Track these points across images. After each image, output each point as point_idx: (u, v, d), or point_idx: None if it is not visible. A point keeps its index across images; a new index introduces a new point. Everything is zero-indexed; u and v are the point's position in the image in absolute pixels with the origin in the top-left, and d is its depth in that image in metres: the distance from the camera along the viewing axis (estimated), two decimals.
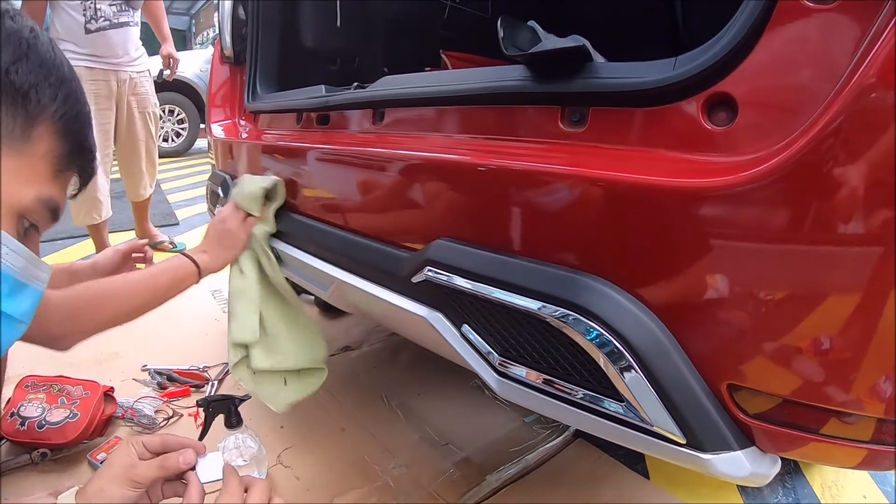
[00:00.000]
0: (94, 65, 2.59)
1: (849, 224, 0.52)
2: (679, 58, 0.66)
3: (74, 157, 0.66)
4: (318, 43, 1.89)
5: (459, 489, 1.33)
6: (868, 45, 0.51)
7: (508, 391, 0.80)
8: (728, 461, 0.65)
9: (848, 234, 0.53)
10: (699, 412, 0.64)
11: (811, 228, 0.54)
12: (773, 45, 0.58)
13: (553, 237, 0.72)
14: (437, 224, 0.86)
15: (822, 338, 0.57)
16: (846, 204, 0.52)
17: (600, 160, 0.68)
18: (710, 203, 0.59)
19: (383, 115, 1.06)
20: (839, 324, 0.56)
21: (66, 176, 0.66)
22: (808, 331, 0.57)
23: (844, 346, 0.56)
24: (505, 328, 0.78)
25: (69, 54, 2.56)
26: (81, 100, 0.66)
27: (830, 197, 0.53)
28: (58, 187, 0.65)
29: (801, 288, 0.56)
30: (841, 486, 1.47)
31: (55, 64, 0.63)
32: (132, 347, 1.97)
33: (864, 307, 0.54)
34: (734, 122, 0.61)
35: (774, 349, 0.59)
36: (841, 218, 0.53)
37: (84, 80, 2.41)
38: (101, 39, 2.58)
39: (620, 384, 0.66)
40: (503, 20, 0.80)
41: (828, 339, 0.57)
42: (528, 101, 0.79)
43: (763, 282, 0.58)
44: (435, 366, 1.79)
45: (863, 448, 0.61)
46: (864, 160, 0.51)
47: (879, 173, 0.50)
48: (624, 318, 0.65)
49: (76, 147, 0.66)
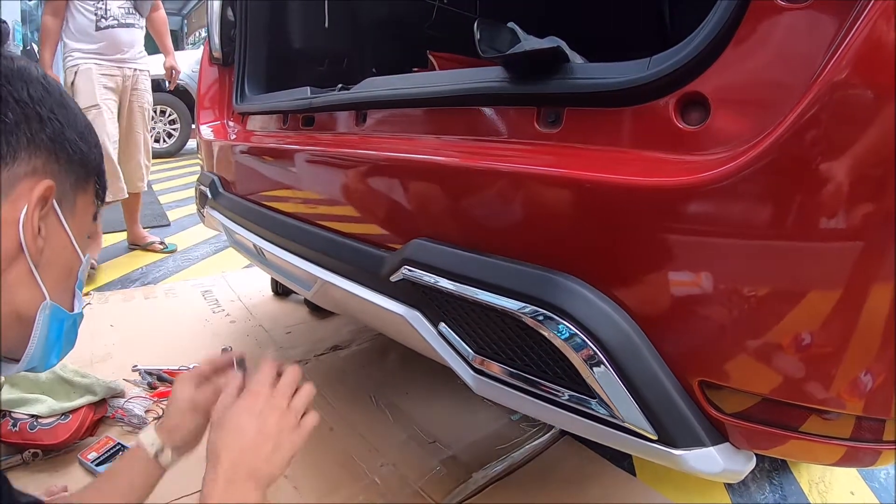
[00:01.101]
0: (103, 61, 2.76)
1: (823, 218, 0.53)
2: (653, 58, 0.66)
3: (102, 193, 0.74)
4: (306, 44, 1.90)
5: (446, 487, 1.33)
6: (837, 45, 0.52)
7: (484, 388, 0.81)
8: (700, 457, 0.66)
9: (822, 229, 0.54)
10: (670, 409, 0.65)
11: (781, 224, 0.55)
12: (746, 44, 0.59)
13: (527, 236, 0.73)
14: (415, 224, 0.87)
15: (801, 336, 0.58)
16: (816, 199, 0.53)
17: (574, 160, 0.68)
18: (681, 200, 0.59)
19: (366, 116, 1.07)
20: (816, 321, 0.57)
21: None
22: (783, 329, 0.58)
23: (823, 345, 0.57)
24: (480, 326, 0.78)
25: (80, 54, 2.68)
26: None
27: (800, 192, 0.54)
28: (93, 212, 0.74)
29: (773, 285, 0.57)
30: (828, 482, 1.47)
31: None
32: (123, 348, 1.97)
33: (840, 303, 0.55)
34: (707, 121, 0.62)
35: (746, 347, 0.60)
36: (815, 212, 0.53)
37: (94, 74, 2.71)
38: (110, 36, 2.76)
39: (592, 381, 0.66)
40: (480, 22, 0.81)
41: (806, 337, 0.57)
42: (506, 101, 0.79)
43: (735, 279, 0.59)
44: (423, 365, 1.79)
45: (842, 445, 0.62)
46: (833, 155, 0.52)
47: (848, 168, 0.51)
48: (595, 316, 0.65)
49: (104, 181, 0.74)
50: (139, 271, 2.91)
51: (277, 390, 0.79)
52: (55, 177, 0.63)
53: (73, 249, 0.68)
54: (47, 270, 0.64)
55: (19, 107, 0.60)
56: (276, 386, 0.80)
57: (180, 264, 3.05)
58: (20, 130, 0.59)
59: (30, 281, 0.62)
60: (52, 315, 0.66)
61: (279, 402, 0.78)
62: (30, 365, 0.67)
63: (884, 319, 0.54)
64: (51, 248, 0.64)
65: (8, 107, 0.59)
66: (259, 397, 0.78)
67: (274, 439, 0.75)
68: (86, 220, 0.71)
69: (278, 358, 0.91)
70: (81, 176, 0.68)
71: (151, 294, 2.57)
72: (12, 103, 0.59)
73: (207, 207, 1.68)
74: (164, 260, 3.10)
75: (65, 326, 0.69)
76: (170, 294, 2.57)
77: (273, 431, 0.75)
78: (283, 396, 0.79)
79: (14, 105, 0.59)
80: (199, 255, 3.21)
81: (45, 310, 0.64)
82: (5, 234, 0.58)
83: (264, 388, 0.79)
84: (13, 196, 0.59)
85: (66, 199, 0.66)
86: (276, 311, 2.37)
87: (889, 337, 0.54)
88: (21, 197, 0.59)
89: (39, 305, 0.64)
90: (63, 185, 0.65)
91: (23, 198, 0.59)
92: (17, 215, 0.59)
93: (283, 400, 0.79)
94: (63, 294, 0.68)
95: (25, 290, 0.62)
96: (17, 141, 0.59)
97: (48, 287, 0.64)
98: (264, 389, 0.79)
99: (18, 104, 0.59)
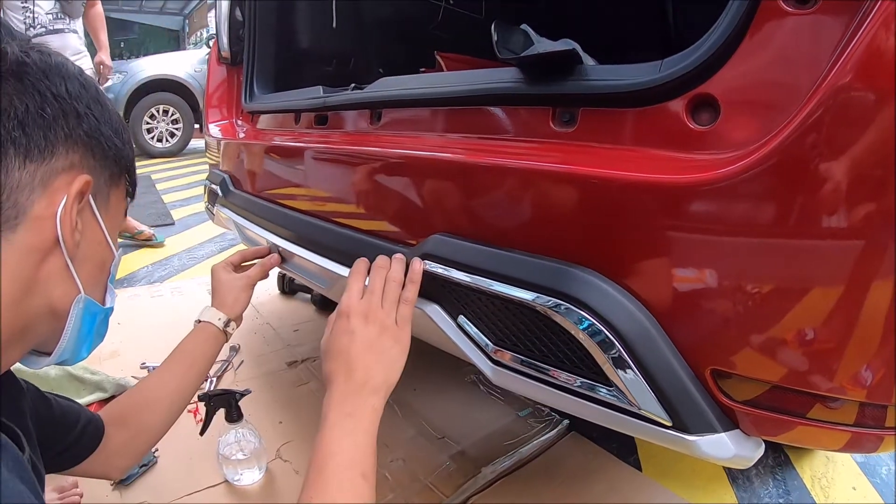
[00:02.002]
0: None
1: (826, 216, 0.55)
2: (665, 60, 0.68)
3: (133, 190, 0.76)
4: (314, 44, 1.91)
5: (455, 482, 1.35)
6: (844, 46, 0.54)
7: (502, 378, 0.83)
8: (712, 443, 0.68)
9: (825, 227, 0.55)
10: (684, 396, 0.67)
11: (786, 221, 0.57)
12: (754, 48, 0.61)
13: (544, 231, 0.75)
14: (433, 220, 0.89)
15: (807, 327, 0.60)
16: (823, 196, 0.55)
17: (590, 158, 0.71)
18: (692, 198, 0.62)
19: (381, 115, 1.09)
20: (823, 314, 0.58)
21: None
22: (792, 321, 0.60)
23: (828, 335, 0.59)
24: (499, 318, 0.80)
25: None
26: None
27: (807, 190, 0.56)
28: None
29: (783, 279, 0.59)
30: (830, 477, 1.49)
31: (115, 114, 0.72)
32: (131, 345, 1.99)
33: (846, 298, 0.57)
34: (717, 121, 0.64)
35: (758, 338, 0.62)
36: (818, 210, 0.55)
37: None
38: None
39: (610, 370, 0.69)
40: (497, 24, 0.83)
41: (811, 328, 0.59)
42: (521, 102, 0.82)
43: (744, 273, 0.61)
44: (430, 361, 1.80)
45: (846, 431, 0.63)
46: (839, 155, 0.54)
47: (849, 168, 0.53)
48: (613, 307, 0.67)
49: (134, 176, 0.76)
50: (145, 270, 2.93)
51: (372, 305, 0.81)
52: (91, 172, 0.64)
53: (107, 244, 0.69)
54: (82, 264, 0.65)
55: (57, 102, 0.60)
56: (374, 300, 0.82)
57: (186, 263, 3.07)
58: (58, 125, 0.60)
59: (65, 275, 0.63)
60: (86, 309, 0.66)
61: (378, 316, 0.80)
62: (61, 358, 0.68)
63: (884, 312, 0.56)
64: (86, 242, 0.65)
65: (46, 102, 0.59)
66: (348, 317, 0.80)
67: (380, 354, 0.78)
68: (118, 216, 0.72)
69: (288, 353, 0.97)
70: (115, 172, 0.69)
71: (157, 292, 2.59)
72: (50, 98, 0.60)
73: (218, 205, 1.70)
74: (170, 258, 3.12)
75: (97, 320, 0.70)
76: (176, 292, 2.58)
77: (378, 346, 0.79)
78: (378, 311, 0.81)
79: (52, 100, 0.60)
80: (205, 254, 3.23)
81: (79, 303, 0.65)
82: (43, 228, 0.59)
83: (356, 306, 0.81)
84: (51, 190, 0.60)
85: (100, 195, 0.67)
86: (282, 309, 2.38)
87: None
88: (59, 191, 0.60)
89: (73, 299, 0.64)
90: (98, 180, 0.66)
91: (60, 192, 0.60)
92: (55, 209, 0.59)
93: (381, 315, 0.81)
94: (96, 288, 0.69)
95: (60, 284, 0.63)
96: (55, 136, 0.60)
97: (82, 281, 0.65)
98: (357, 307, 0.81)
99: (57, 99, 0.60)
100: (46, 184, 0.59)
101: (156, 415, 0.99)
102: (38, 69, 0.60)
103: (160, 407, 0.99)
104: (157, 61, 7.44)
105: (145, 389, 1.01)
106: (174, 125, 7.34)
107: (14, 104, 0.57)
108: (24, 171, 0.58)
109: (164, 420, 1.00)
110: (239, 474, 1.33)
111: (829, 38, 0.56)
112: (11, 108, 0.57)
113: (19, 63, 0.59)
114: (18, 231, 0.57)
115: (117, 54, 11.85)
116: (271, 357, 1.96)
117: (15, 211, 0.57)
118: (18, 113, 0.57)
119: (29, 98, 0.58)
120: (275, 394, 1.73)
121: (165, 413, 1.00)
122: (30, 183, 0.58)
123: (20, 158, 0.57)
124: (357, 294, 0.83)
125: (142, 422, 0.98)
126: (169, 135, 7.36)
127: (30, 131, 0.58)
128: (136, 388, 1.02)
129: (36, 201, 0.58)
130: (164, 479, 1.34)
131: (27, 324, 0.61)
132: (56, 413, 0.86)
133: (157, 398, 0.99)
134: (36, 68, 0.60)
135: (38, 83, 0.59)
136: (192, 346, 1.08)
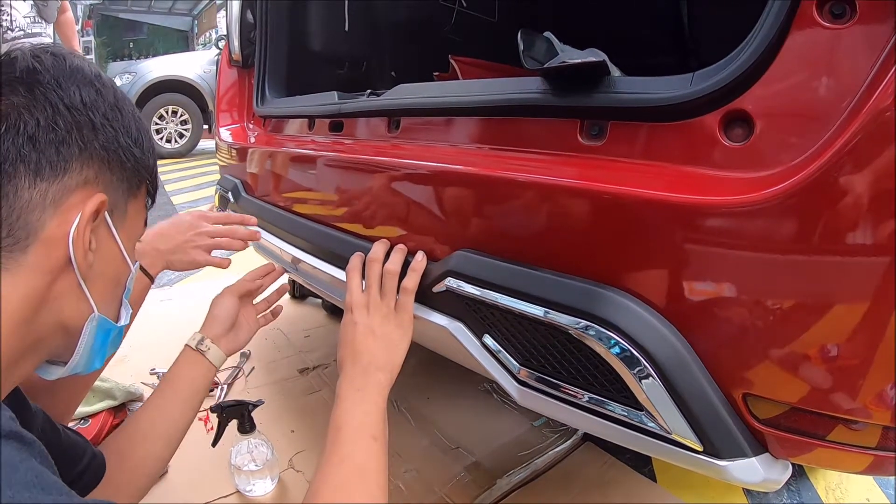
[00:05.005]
0: None
1: (867, 235, 0.54)
2: (696, 74, 0.67)
3: (153, 197, 0.74)
4: (326, 47, 1.90)
5: (471, 493, 1.34)
6: (884, 63, 0.52)
7: (528, 399, 0.82)
8: (743, 468, 0.67)
9: (871, 247, 0.54)
10: (716, 421, 0.65)
11: (831, 242, 0.55)
12: (790, 62, 0.59)
13: (574, 250, 0.73)
14: (457, 234, 0.87)
15: (833, 348, 0.58)
16: (864, 217, 0.54)
17: (620, 175, 0.69)
18: (731, 219, 0.60)
19: (399, 123, 1.07)
20: (853, 335, 0.57)
21: None
22: (823, 342, 0.59)
23: (853, 356, 0.58)
24: (526, 339, 0.79)
25: None
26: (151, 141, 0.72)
27: (851, 211, 0.54)
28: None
29: (821, 301, 0.58)
30: (844, 488, 1.48)
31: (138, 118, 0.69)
32: (140, 351, 1.98)
33: (882, 319, 0.55)
34: (751, 138, 0.62)
35: (791, 359, 0.61)
36: (858, 230, 0.54)
37: None
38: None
39: (641, 394, 0.67)
40: (523, 32, 0.81)
41: (837, 349, 0.58)
42: (548, 113, 0.80)
43: (782, 295, 0.59)
44: (443, 370, 1.80)
45: (869, 454, 0.62)
46: (886, 174, 0.52)
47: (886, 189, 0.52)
48: (645, 330, 0.66)
49: (156, 184, 0.74)
50: None
51: (372, 299, 0.89)
52: (108, 186, 0.61)
53: (123, 259, 0.66)
54: (96, 282, 0.62)
55: (70, 114, 0.57)
56: (372, 292, 0.90)
57: None
58: (72, 139, 0.57)
59: (78, 294, 0.60)
60: (99, 326, 0.64)
61: (379, 308, 0.89)
62: (74, 371, 0.66)
63: None
64: (100, 259, 0.62)
65: (58, 114, 0.56)
66: (351, 310, 0.89)
67: (382, 339, 0.87)
68: (137, 227, 0.70)
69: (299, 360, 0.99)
70: (134, 183, 0.66)
71: (167, 297, 2.59)
72: (63, 110, 0.57)
73: (229, 211, 1.69)
74: None
75: (111, 336, 0.68)
76: (185, 296, 2.58)
77: (381, 332, 0.87)
78: (378, 304, 0.89)
79: (65, 112, 0.57)
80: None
81: (93, 321, 0.63)
82: (54, 249, 0.56)
83: (357, 299, 0.90)
84: (64, 208, 0.57)
85: (117, 209, 0.64)
86: (293, 315, 2.37)
87: None
88: (72, 209, 0.57)
89: (87, 317, 0.62)
90: (115, 193, 0.63)
91: (74, 210, 0.57)
92: (68, 229, 0.57)
93: (381, 307, 0.89)
94: (111, 304, 0.67)
95: (73, 303, 0.60)
96: (68, 151, 0.57)
97: (96, 299, 0.62)
98: (358, 300, 0.90)
99: (70, 111, 0.57)
100: (59, 203, 0.57)
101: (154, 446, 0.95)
102: (51, 76, 0.57)
103: (156, 437, 0.96)
104: (166, 62, 7.49)
105: (139, 421, 0.97)
106: (183, 126, 7.36)
107: (24, 119, 0.54)
108: (35, 190, 0.55)
109: (163, 453, 0.96)
110: (251, 485, 1.32)
111: (867, 53, 0.55)
112: (21, 122, 0.54)
113: (30, 71, 0.56)
114: (29, 252, 0.55)
115: (126, 55, 11.87)
116: (283, 364, 1.95)
117: (25, 232, 0.55)
118: (29, 128, 0.55)
119: (40, 111, 0.55)
120: (286, 402, 1.72)
121: (163, 443, 0.96)
122: (41, 203, 0.55)
123: (30, 177, 0.55)
124: (357, 289, 0.91)
125: (138, 455, 0.94)
126: (178, 136, 7.39)
127: (41, 147, 0.55)
128: (131, 420, 0.98)
129: (47, 221, 0.56)
130: (174, 490, 1.33)
131: (40, 338, 0.59)
132: (64, 443, 0.81)
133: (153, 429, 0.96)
134: (49, 76, 0.57)
135: (49, 94, 0.56)
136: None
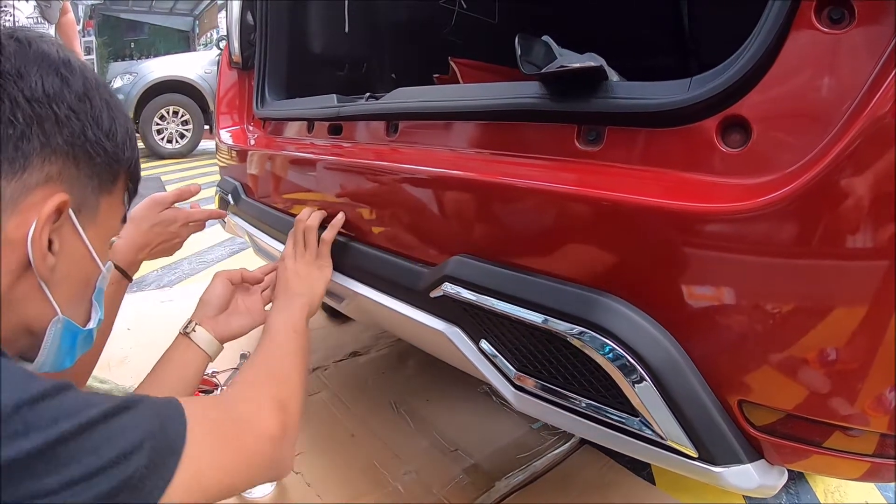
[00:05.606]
0: None
1: (863, 243, 0.54)
2: (693, 79, 0.67)
3: (133, 193, 0.72)
4: (326, 49, 1.90)
5: (469, 495, 1.34)
6: (883, 68, 0.52)
7: (525, 404, 0.82)
8: (738, 474, 0.67)
9: (864, 252, 0.54)
10: (711, 427, 0.66)
11: (829, 249, 0.55)
12: (787, 68, 0.59)
13: (570, 255, 0.74)
14: (454, 239, 0.88)
15: (829, 355, 0.58)
16: (860, 225, 0.54)
17: (618, 180, 0.69)
18: (727, 226, 0.60)
19: (397, 127, 1.07)
20: (849, 343, 0.57)
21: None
22: (820, 350, 0.59)
23: (849, 364, 0.58)
24: (522, 344, 0.79)
25: None
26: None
27: (847, 218, 0.54)
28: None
29: (818, 307, 0.58)
30: (843, 492, 1.48)
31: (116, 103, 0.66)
32: (141, 352, 1.97)
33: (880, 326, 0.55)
34: (748, 143, 0.62)
35: (784, 366, 0.61)
36: (855, 237, 0.54)
37: None
38: None
39: (635, 400, 0.67)
40: (520, 37, 0.81)
41: (834, 356, 0.58)
42: (546, 118, 0.80)
43: (778, 301, 0.59)
44: (442, 372, 1.80)
45: (866, 461, 0.62)
46: (883, 181, 0.52)
47: (885, 195, 0.52)
48: (639, 336, 0.66)
49: (136, 176, 0.71)
50: (154, 274, 2.92)
51: (297, 250, 1.08)
52: (73, 183, 0.58)
53: (92, 260, 0.63)
54: (61, 284, 0.59)
55: (31, 106, 0.54)
56: (298, 245, 1.09)
57: (196, 267, 3.06)
58: (32, 134, 0.53)
59: (39, 296, 0.58)
60: (65, 329, 0.61)
61: (303, 256, 1.07)
62: (42, 370, 0.62)
63: None
64: (66, 260, 0.59)
65: (17, 107, 0.53)
66: (287, 259, 1.08)
67: (305, 278, 1.04)
68: (111, 225, 0.66)
69: None
70: (107, 178, 0.63)
71: (167, 297, 2.59)
72: (23, 103, 0.53)
73: (230, 213, 1.69)
74: (180, 263, 3.11)
75: (78, 338, 0.65)
76: (186, 297, 2.57)
77: (303, 273, 1.05)
78: (303, 253, 1.07)
79: (25, 105, 0.53)
80: (215, 258, 3.22)
81: (57, 324, 0.60)
82: (13, 250, 0.53)
83: (288, 251, 1.09)
84: (23, 207, 0.53)
85: (86, 206, 0.60)
86: None
87: None
88: (32, 209, 0.54)
89: (50, 320, 0.60)
90: (83, 190, 0.59)
91: (33, 210, 0.54)
92: (26, 231, 0.53)
93: (305, 255, 1.07)
94: (78, 306, 0.64)
95: (35, 305, 0.58)
96: (28, 146, 0.53)
97: (61, 301, 0.60)
98: (289, 251, 1.09)
99: (30, 103, 0.54)
100: (17, 202, 0.53)
101: None
102: (12, 66, 0.53)
103: None
104: (168, 62, 7.49)
105: None
106: (184, 126, 7.36)
107: None
108: None
109: None
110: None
111: (865, 58, 0.55)
112: None
113: None
114: None
115: (127, 55, 11.88)
116: None
117: None
118: None
119: None
120: None
121: None
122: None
123: None
124: (290, 245, 1.10)
125: None
126: (179, 136, 7.38)
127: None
128: None
129: (5, 221, 0.53)
130: None
131: (4, 336, 0.56)
132: None
133: None
134: (10, 65, 0.53)
135: (9, 84, 0.53)
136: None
